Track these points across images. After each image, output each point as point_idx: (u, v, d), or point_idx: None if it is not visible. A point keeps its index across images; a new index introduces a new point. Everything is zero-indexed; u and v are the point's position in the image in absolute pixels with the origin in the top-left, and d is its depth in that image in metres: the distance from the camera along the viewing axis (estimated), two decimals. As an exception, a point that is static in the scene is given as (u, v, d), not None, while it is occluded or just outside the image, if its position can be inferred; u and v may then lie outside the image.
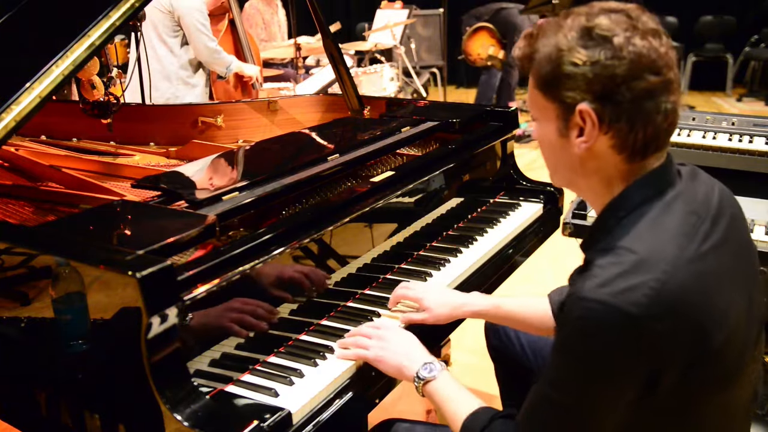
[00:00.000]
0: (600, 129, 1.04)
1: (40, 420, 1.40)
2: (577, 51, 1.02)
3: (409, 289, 1.61)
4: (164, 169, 2.09)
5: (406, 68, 6.69)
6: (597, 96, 1.02)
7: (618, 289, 0.95)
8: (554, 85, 1.05)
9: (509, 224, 2.12)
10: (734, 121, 2.66)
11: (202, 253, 1.38)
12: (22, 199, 1.84)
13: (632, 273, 0.97)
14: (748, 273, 1.12)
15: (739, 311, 1.05)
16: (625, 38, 1.01)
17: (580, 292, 0.98)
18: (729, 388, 1.07)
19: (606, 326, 0.95)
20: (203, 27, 3.92)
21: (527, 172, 2.42)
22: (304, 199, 1.76)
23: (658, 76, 1.02)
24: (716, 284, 1.02)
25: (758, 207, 2.30)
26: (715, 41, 7.90)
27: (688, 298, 0.97)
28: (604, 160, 1.08)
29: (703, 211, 1.07)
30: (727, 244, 1.07)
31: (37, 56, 1.58)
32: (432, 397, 1.31)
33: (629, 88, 1.01)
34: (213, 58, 4.01)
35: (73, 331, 1.28)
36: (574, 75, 1.02)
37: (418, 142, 2.20)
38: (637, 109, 1.02)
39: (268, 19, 5.73)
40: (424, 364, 1.33)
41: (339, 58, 2.40)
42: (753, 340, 1.11)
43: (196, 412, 1.17)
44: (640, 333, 0.95)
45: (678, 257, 0.99)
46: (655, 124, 1.03)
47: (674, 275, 0.97)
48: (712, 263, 1.02)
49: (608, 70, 1.01)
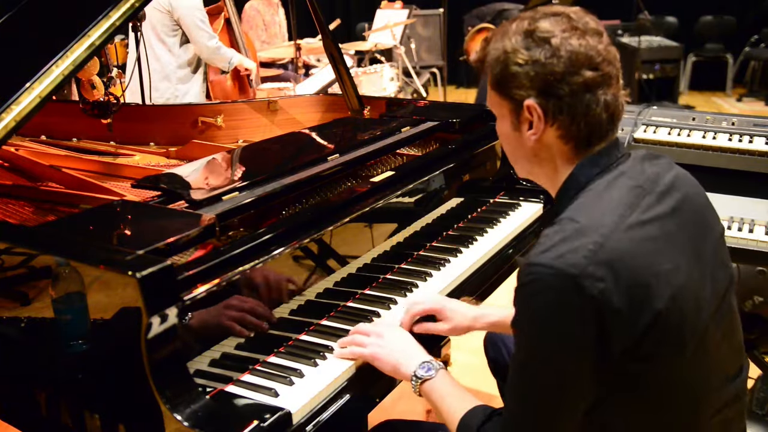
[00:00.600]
0: (546, 122, 1.14)
1: (40, 420, 1.40)
2: (521, 52, 1.13)
3: (422, 303, 1.56)
4: (164, 169, 2.09)
5: (406, 68, 6.69)
6: (540, 92, 1.13)
7: (558, 252, 1.03)
8: (504, 84, 1.17)
9: (509, 224, 2.12)
10: (734, 121, 2.66)
11: (202, 253, 1.38)
12: (22, 199, 1.84)
13: (573, 238, 1.04)
14: (700, 247, 1.15)
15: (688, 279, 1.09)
16: (562, 38, 1.11)
17: (527, 259, 1.06)
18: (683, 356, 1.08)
19: (548, 287, 1.02)
20: (203, 24, 3.93)
21: (527, 172, 2.42)
22: (304, 199, 1.76)
23: (595, 72, 1.12)
24: (658, 249, 1.07)
25: (758, 207, 2.31)
26: (715, 41, 7.90)
27: (626, 259, 1.03)
28: (554, 149, 1.18)
29: (649, 186, 1.14)
30: (675, 216, 1.13)
31: (37, 56, 1.58)
32: (429, 396, 1.32)
33: (567, 83, 1.11)
34: (214, 55, 4.04)
35: (73, 331, 1.28)
36: (519, 74, 1.13)
37: (418, 142, 2.20)
38: (577, 102, 1.12)
39: (269, 20, 5.73)
40: (422, 363, 1.34)
41: (339, 58, 2.40)
42: (710, 313, 1.12)
43: (196, 412, 1.17)
44: (581, 292, 1.00)
45: (617, 224, 1.06)
46: (595, 114, 1.13)
47: (612, 238, 1.04)
48: (653, 231, 1.08)
49: (547, 68, 1.11)
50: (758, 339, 2.36)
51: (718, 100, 7.78)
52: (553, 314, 1.03)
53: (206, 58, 4.08)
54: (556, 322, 1.03)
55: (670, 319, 1.05)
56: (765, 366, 2.35)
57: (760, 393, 2.33)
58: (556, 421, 1.09)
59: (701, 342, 1.11)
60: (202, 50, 4.01)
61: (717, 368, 1.17)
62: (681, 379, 1.10)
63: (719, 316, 1.16)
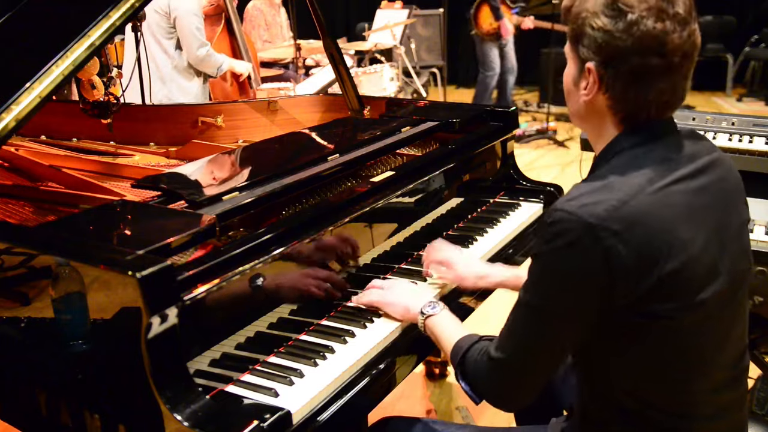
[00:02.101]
0: (599, 88, 1.18)
1: (40, 420, 1.40)
2: (598, 17, 1.14)
3: (442, 251, 1.75)
4: (164, 169, 2.09)
5: (406, 68, 6.69)
6: (602, 60, 1.15)
7: (582, 202, 1.10)
8: (576, 39, 1.19)
9: (509, 224, 2.12)
10: (734, 121, 2.66)
11: (202, 253, 1.38)
12: (22, 199, 1.84)
13: (598, 192, 1.11)
14: (724, 228, 1.20)
15: (703, 251, 1.13)
16: (639, 17, 1.11)
17: (554, 205, 1.13)
18: (683, 321, 1.13)
19: (567, 230, 1.09)
20: (197, 31, 3.94)
21: (527, 172, 2.42)
22: (304, 199, 1.76)
23: (661, 59, 1.12)
24: (678, 217, 1.12)
25: (758, 207, 2.30)
26: (715, 41, 7.89)
27: (645, 219, 1.09)
28: (603, 115, 1.21)
29: (685, 161, 1.18)
30: (704, 194, 1.17)
31: (37, 56, 1.58)
32: (432, 330, 1.46)
33: (629, 63, 1.13)
34: (203, 62, 4.04)
35: (73, 331, 1.28)
36: (590, 36, 1.16)
37: (418, 142, 2.20)
38: (632, 82, 1.14)
39: (270, 20, 5.73)
40: (429, 303, 1.50)
41: (339, 58, 2.40)
42: (720, 291, 1.16)
43: (196, 412, 1.17)
44: (594, 241, 1.07)
45: (643, 186, 1.11)
46: (647, 100, 1.15)
47: (636, 198, 1.10)
48: (678, 199, 1.13)
49: (615, 41, 1.13)
50: (758, 339, 2.35)
51: (718, 100, 7.78)
52: (565, 255, 1.10)
53: (194, 64, 4.07)
54: (567, 263, 1.10)
55: (678, 283, 1.10)
56: (765, 366, 2.34)
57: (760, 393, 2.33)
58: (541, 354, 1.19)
59: (706, 314, 1.15)
60: (191, 56, 4.01)
61: (717, 346, 1.20)
62: (678, 343, 1.15)
63: (730, 298, 1.19)
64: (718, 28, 7.87)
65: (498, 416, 2.53)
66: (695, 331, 1.15)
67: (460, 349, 1.34)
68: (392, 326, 1.55)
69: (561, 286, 1.13)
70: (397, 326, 1.55)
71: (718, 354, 1.21)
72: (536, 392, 1.24)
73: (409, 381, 2.68)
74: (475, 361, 1.29)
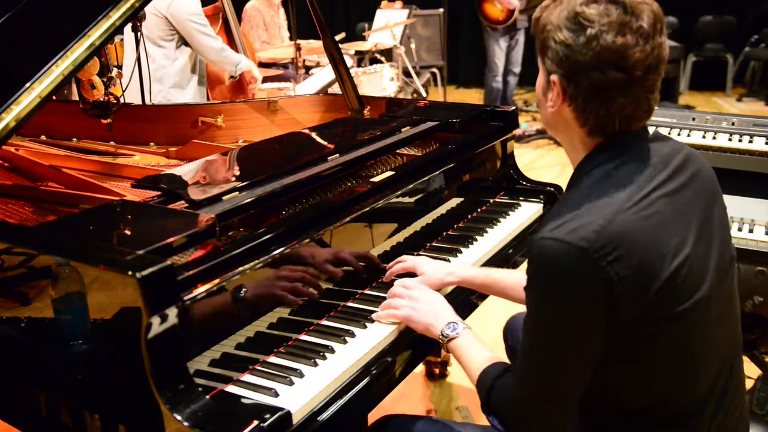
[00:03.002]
0: (563, 101, 1.19)
1: (40, 420, 1.40)
2: (561, 30, 1.15)
3: (404, 261, 1.76)
4: (164, 169, 2.09)
5: (406, 68, 6.68)
6: (564, 73, 1.16)
7: (569, 228, 1.09)
8: (542, 51, 1.21)
9: (509, 224, 2.12)
10: (734, 121, 2.66)
11: (202, 253, 1.38)
12: (22, 199, 1.84)
13: (583, 216, 1.10)
14: (710, 216, 1.22)
15: (694, 250, 1.14)
16: (599, 31, 1.11)
17: (538, 234, 1.13)
18: (683, 323, 1.14)
19: (560, 258, 1.09)
20: (204, 28, 3.90)
21: (527, 172, 2.42)
22: (304, 199, 1.76)
23: (622, 73, 1.12)
24: (665, 222, 1.13)
25: (758, 207, 2.30)
26: (715, 41, 7.89)
27: (633, 232, 1.09)
28: (571, 126, 1.22)
29: (661, 165, 1.19)
30: (688, 187, 1.19)
31: (37, 56, 1.58)
32: (454, 352, 1.46)
33: (588, 77, 1.13)
34: (220, 57, 3.97)
35: (73, 331, 1.28)
36: (553, 49, 1.17)
37: (418, 142, 2.20)
38: (593, 95, 1.15)
39: (269, 20, 5.73)
40: (448, 323, 1.48)
41: (339, 58, 2.40)
42: (713, 284, 1.17)
43: (196, 412, 1.17)
44: (591, 264, 1.07)
45: (625, 202, 1.12)
46: (607, 114, 1.16)
47: (620, 215, 1.10)
48: (661, 205, 1.14)
49: (575, 56, 1.13)
50: (758, 339, 2.35)
51: (718, 100, 7.77)
52: (564, 283, 1.10)
53: (212, 61, 4.02)
54: (567, 295, 1.10)
55: (677, 286, 1.11)
56: (765, 366, 2.34)
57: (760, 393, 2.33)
58: (562, 376, 1.17)
59: (704, 310, 1.16)
60: (209, 53, 3.94)
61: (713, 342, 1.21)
62: (682, 343, 1.15)
63: (720, 290, 1.21)
64: (718, 28, 7.87)
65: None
66: (694, 328, 1.16)
67: (485, 383, 1.32)
68: (392, 326, 1.55)
69: (565, 312, 1.12)
70: (397, 326, 1.55)
71: (714, 350, 1.22)
72: (563, 421, 1.23)
73: (409, 381, 2.68)
74: (501, 399, 1.28)
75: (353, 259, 1.69)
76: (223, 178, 1.77)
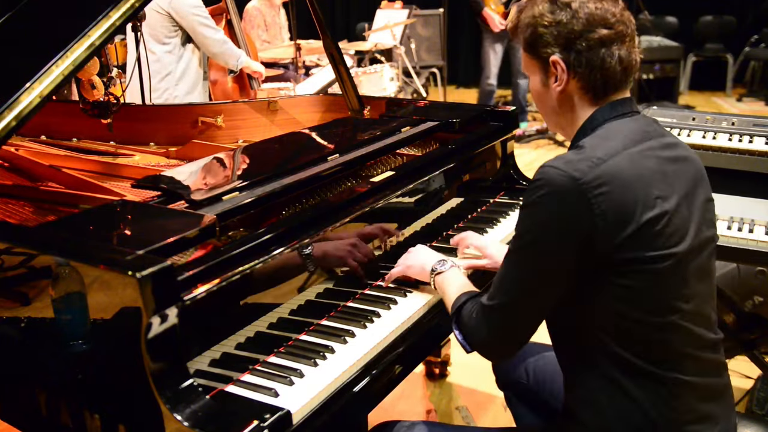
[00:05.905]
0: (569, 74, 1.33)
1: (40, 420, 1.40)
2: (546, 16, 1.33)
3: (474, 237, 1.87)
4: (164, 169, 2.09)
5: (406, 68, 6.68)
6: (563, 48, 1.32)
7: (568, 159, 1.24)
8: (533, 45, 1.36)
9: (509, 224, 2.12)
10: (734, 121, 2.66)
11: (202, 253, 1.38)
12: (22, 199, 1.84)
13: (581, 154, 1.25)
14: (693, 197, 1.31)
15: (677, 208, 1.25)
16: (581, 3, 1.31)
17: (540, 166, 1.26)
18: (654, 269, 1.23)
19: (553, 181, 1.22)
20: (206, 20, 3.92)
21: (527, 172, 2.42)
22: (304, 199, 1.76)
23: (609, 29, 1.31)
24: (653, 176, 1.25)
25: (758, 207, 2.30)
26: (715, 41, 7.89)
27: (623, 174, 1.22)
28: (576, 99, 1.36)
29: (657, 135, 1.33)
30: (675, 163, 1.31)
31: (37, 56, 1.58)
32: (440, 286, 1.59)
33: (585, 39, 1.30)
34: (223, 49, 3.99)
35: (73, 331, 1.28)
36: (545, 34, 1.33)
37: (418, 142, 2.20)
38: (593, 55, 1.31)
39: (270, 21, 5.73)
40: (440, 261, 1.63)
41: (339, 58, 2.40)
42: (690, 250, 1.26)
43: (196, 412, 1.17)
44: (580, 193, 1.20)
45: (621, 148, 1.26)
46: (610, 67, 1.31)
47: (614, 157, 1.24)
48: (653, 163, 1.27)
49: (568, 27, 1.31)
50: (758, 339, 2.35)
51: (718, 100, 7.78)
52: (551, 207, 1.23)
53: (214, 54, 4.03)
54: (552, 213, 1.23)
55: (653, 233, 1.22)
56: (765, 366, 2.34)
57: (760, 393, 2.33)
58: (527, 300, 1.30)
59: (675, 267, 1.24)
60: (212, 45, 3.96)
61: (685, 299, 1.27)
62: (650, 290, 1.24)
63: (696, 258, 1.29)
64: (718, 28, 7.87)
65: (499, 417, 2.53)
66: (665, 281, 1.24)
67: (458, 301, 1.46)
68: (392, 326, 1.55)
69: (546, 228, 1.24)
70: (397, 326, 1.55)
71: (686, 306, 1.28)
72: (522, 343, 1.36)
73: (409, 381, 2.68)
74: (470, 311, 1.40)
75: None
76: (223, 178, 1.77)
